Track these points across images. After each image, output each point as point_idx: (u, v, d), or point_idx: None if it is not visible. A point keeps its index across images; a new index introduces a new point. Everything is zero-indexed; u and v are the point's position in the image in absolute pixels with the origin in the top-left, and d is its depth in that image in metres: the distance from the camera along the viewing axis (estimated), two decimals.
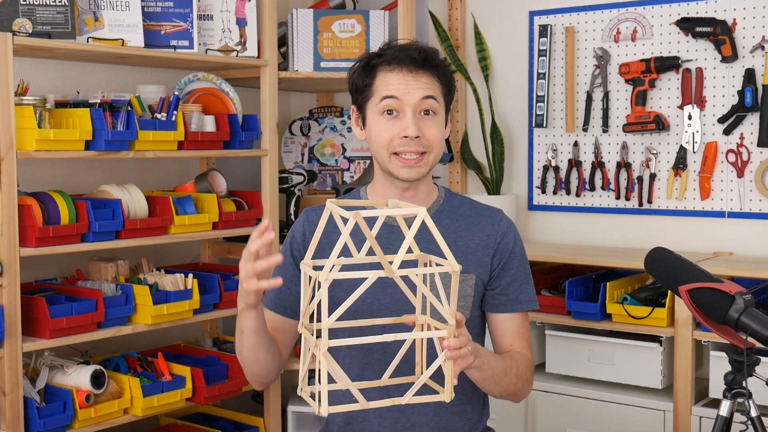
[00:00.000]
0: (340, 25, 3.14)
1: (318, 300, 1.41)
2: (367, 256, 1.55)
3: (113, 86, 2.95)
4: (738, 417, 1.84)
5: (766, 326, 1.70)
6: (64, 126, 2.50)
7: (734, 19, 2.90)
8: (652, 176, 3.06)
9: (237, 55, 2.95)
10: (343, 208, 1.49)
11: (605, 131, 3.14)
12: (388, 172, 1.84)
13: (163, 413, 2.98)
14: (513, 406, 2.86)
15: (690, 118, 2.97)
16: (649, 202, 3.08)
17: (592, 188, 3.19)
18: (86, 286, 2.65)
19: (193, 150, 2.79)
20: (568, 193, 3.24)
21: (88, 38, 2.61)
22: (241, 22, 2.96)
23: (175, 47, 2.81)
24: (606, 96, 3.13)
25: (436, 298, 1.48)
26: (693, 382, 2.69)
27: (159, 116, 2.69)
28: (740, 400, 1.82)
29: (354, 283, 1.41)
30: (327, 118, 3.53)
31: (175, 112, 2.70)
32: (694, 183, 3.00)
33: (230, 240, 3.17)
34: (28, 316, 2.41)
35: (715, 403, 2.46)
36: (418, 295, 1.58)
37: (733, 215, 2.95)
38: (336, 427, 1.90)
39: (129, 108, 2.58)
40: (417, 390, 1.50)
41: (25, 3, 2.46)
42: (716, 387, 2.62)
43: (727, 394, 1.83)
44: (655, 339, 2.76)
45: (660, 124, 2.99)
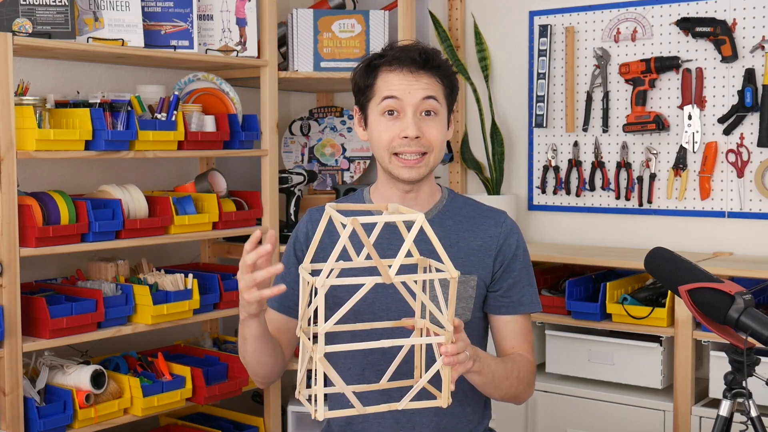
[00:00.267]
0: (340, 25, 3.13)
1: (315, 306, 1.41)
2: (367, 260, 1.54)
3: (113, 86, 2.95)
4: (738, 417, 1.84)
5: (766, 326, 1.70)
6: (64, 126, 2.50)
7: (734, 19, 2.90)
8: (652, 176, 3.06)
9: (237, 55, 2.95)
10: (343, 212, 1.48)
11: (605, 131, 3.14)
12: (389, 173, 1.83)
13: (163, 413, 2.98)
14: (513, 406, 2.84)
15: (690, 118, 2.97)
16: (649, 202, 3.08)
17: (592, 188, 3.19)
18: (86, 286, 2.65)
19: (193, 150, 2.79)
20: (568, 193, 3.23)
21: (88, 38, 2.61)
22: (241, 22, 2.95)
23: (175, 47, 2.81)
24: (606, 96, 3.13)
25: (436, 302, 1.47)
26: (693, 382, 2.68)
27: (159, 116, 2.69)
28: (740, 400, 1.82)
29: (354, 286, 1.41)
30: (327, 118, 3.53)
31: (175, 112, 2.70)
32: (694, 183, 3.00)
33: (230, 240, 3.17)
34: (28, 316, 2.41)
35: (715, 403, 2.46)
36: (417, 300, 1.58)
37: (733, 215, 2.95)
38: (337, 427, 1.90)
39: (129, 108, 2.57)
40: (415, 395, 1.50)
41: (25, 3, 2.46)
42: (716, 387, 2.62)
43: (727, 394, 1.83)
44: (655, 339, 2.76)
45: (660, 124, 2.99)
